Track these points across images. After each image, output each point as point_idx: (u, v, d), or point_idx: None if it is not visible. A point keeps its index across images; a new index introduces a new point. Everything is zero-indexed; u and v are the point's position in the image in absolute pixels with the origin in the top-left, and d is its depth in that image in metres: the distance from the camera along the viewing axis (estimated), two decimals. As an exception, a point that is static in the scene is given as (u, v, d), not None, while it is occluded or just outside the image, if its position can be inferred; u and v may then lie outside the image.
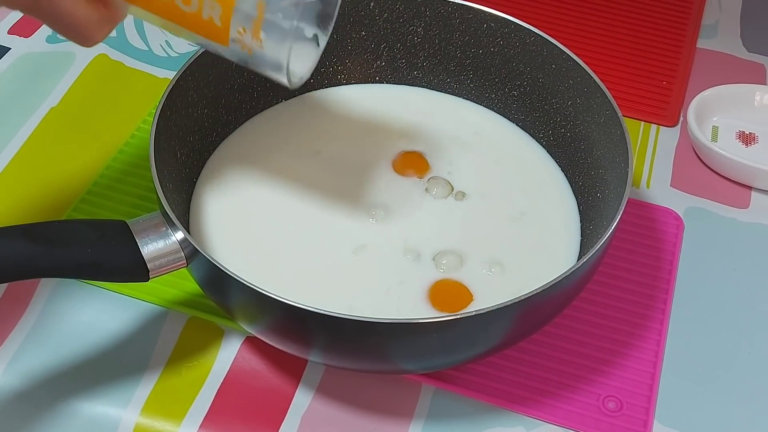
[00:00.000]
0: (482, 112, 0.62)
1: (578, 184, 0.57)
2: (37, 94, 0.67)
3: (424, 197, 0.56)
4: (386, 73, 0.63)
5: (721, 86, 0.68)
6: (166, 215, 0.47)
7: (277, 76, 0.44)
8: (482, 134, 0.60)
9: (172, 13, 0.42)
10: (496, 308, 0.43)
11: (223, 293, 0.47)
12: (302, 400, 0.51)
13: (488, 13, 0.58)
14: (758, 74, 0.73)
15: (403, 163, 0.58)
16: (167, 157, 0.52)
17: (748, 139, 0.67)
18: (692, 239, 0.60)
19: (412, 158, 0.58)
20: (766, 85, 0.71)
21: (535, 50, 0.58)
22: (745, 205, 0.63)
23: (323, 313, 0.43)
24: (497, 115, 0.62)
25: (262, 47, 0.42)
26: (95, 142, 0.64)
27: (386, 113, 0.61)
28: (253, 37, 0.42)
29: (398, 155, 0.59)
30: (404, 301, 0.51)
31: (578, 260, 0.48)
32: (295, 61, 0.43)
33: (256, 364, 0.53)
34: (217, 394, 0.51)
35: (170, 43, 0.72)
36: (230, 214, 0.55)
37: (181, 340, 0.53)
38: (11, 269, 0.44)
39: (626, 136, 0.51)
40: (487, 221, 0.55)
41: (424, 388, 0.52)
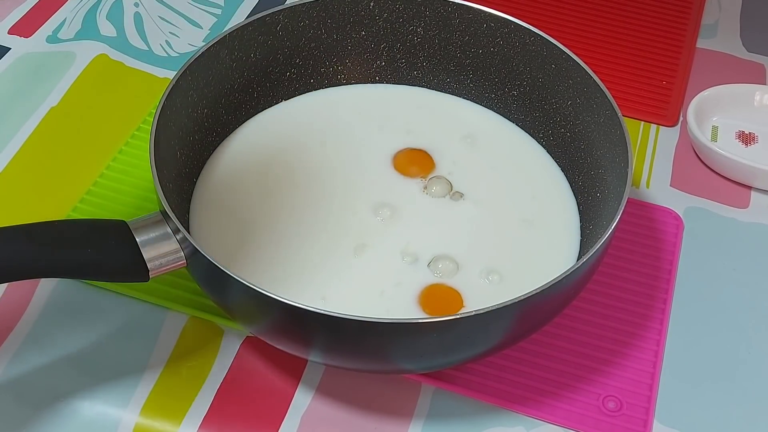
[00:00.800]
0: (482, 111, 0.62)
1: (578, 184, 0.57)
2: (37, 94, 0.67)
3: (423, 197, 0.56)
4: (386, 73, 0.63)
5: (721, 86, 0.68)
6: (166, 215, 0.47)
7: None
8: (482, 134, 0.60)
9: None
10: (496, 308, 0.43)
11: (223, 293, 0.47)
12: (302, 400, 0.51)
13: (488, 13, 0.58)
14: (758, 74, 0.73)
15: (406, 160, 0.58)
16: (167, 157, 0.52)
17: (747, 139, 0.67)
18: (692, 239, 0.60)
19: (415, 155, 0.58)
20: (766, 85, 0.71)
21: (534, 50, 0.58)
22: (744, 205, 0.63)
23: (323, 313, 0.43)
24: (497, 114, 0.62)
25: None
26: (95, 142, 0.64)
27: (386, 113, 0.61)
28: None
29: (401, 152, 0.59)
30: (396, 303, 0.50)
31: (578, 260, 0.48)
32: None
33: (256, 364, 0.53)
34: (217, 394, 0.51)
35: (170, 43, 0.72)
36: (230, 213, 0.55)
37: (181, 340, 0.53)
38: (11, 269, 0.44)
39: (626, 136, 0.51)
40: (486, 222, 0.55)
41: (424, 388, 0.52)
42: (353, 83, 0.63)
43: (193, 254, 0.46)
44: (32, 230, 0.44)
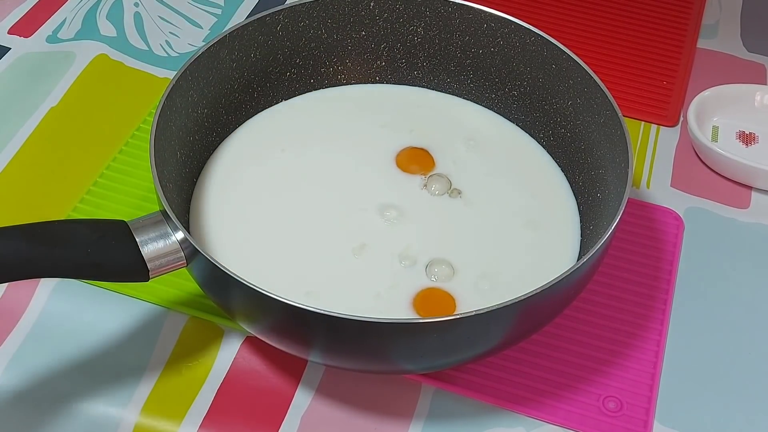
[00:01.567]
0: (482, 111, 0.62)
1: (578, 184, 0.57)
2: (36, 94, 0.67)
3: (423, 194, 0.56)
4: (386, 73, 0.63)
5: (721, 86, 0.68)
6: (166, 215, 0.47)
7: None
8: (482, 134, 0.60)
9: None
10: (496, 308, 0.43)
11: (223, 293, 0.47)
12: (302, 400, 0.51)
13: (488, 13, 0.58)
14: (758, 74, 0.73)
15: (407, 157, 0.58)
16: (167, 157, 0.52)
17: (748, 139, 0.67)
18: (692, 239, 0.60)
19: (416, 154, 0.58)
20: (766, 85, 0.71)
21: (535, 50, 0.58)
22: (745, 205, 0.63)
23: (323, 313, 0.42)
24: (497, 115, 0.62)
25: None
26: (95, 142, 0.64)
27: (386, 113, 0.61)
28: None
29: (403, 150, 0.59)
30: (390, 304, 0.50)
31: (578, 260, 0.48)
32: None
33: (256, 364, 0.53)
34: (217, 394, 0.51)
35: (170, 43, 0.72)
36: (230, 213, 0.55)
37: (181, 340, 0.53)
38: (11, 269, 0.44)
39: (626, 136, 0.51)
40: (485, 222, 0.55)
41: (424, 388, 0.52)
42: (353, 83, 0.63)
43: (193, 254, 0.46)
44: (32, 230, 0.44)
